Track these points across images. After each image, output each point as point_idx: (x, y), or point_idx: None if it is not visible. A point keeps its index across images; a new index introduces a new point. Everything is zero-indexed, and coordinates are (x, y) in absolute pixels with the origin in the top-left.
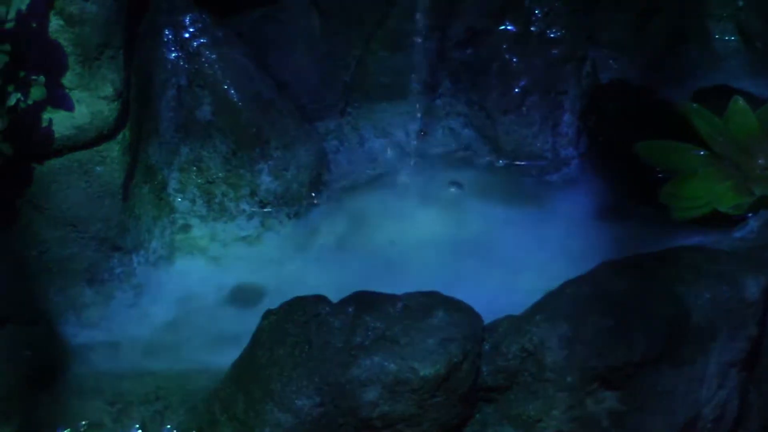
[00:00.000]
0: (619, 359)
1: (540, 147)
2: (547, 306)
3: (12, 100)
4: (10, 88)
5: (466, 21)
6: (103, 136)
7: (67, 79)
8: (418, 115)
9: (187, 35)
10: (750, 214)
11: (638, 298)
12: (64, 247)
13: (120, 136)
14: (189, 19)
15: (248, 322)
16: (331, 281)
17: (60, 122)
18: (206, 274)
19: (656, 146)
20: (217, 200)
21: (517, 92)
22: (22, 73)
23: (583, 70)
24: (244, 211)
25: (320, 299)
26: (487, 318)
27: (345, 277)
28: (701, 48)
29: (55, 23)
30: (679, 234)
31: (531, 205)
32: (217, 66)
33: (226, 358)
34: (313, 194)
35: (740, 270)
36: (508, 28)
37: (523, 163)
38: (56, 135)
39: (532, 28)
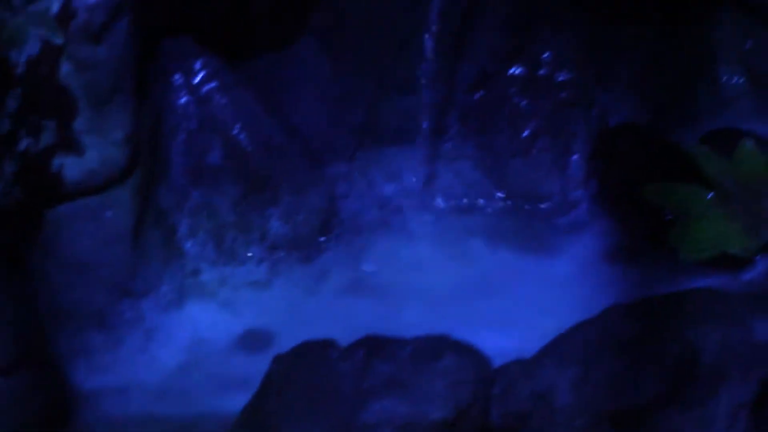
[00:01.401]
0: (630, 402)
1: (549, 190)
2: (557, 349)
3: (23, 145)
4: (22, 133)
5: (476, 64)
6: (114, 181)
7: (78, 124)
8: (427, 158)
9: (197, 79)
10: (759, 256)
11: (647, 341)
12: (75, 291)
13: (130, 181)
14: (199, 64)
15: (258, 366)
16: (340, 325)
17: (71, 167)
18: (216, 318)
19: (665, 188)
20: (227, 244)
21: (526, 135)
22: (33, 118)
23: (591, 113)
24: (254, 255)
25: (330, 343)
26: (497, 361)
27: (354, 322)
28: (709, 91)
29: (66, 68)
30: (688, 276)
31: (540, 248)
32: (227, 110)
33: (236, 402)
34: (323, 238)
35: (749, 312)
36: (517, 71)
37: (531, 205)
38: (67, 179)
39: (540, 72)
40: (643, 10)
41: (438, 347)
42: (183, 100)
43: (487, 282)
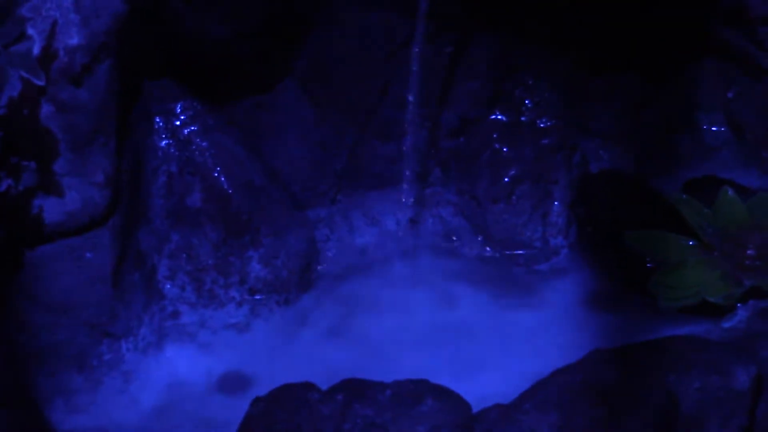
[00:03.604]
0: None
1: (530, 236)
2: (537, 394)
3: (2, 186)
4: (2, 174)
5: (458, 110)
6: (94, 223)
7: (59, 165)
8: (409, 203)
9: (178, 122)
10: (739, 304)
11: (628, 388)
12: (54, 332)
13: (111, 223)
14: (180, 107)
15: (237, 409)
16: (320, 369)
17: (51, 208)
18: (195, 360)
19: (645, 236)
20: (206, 287)
21: (507, 181)
22: (13, 159)
23: (573, 160)
24: (233, 298)
25: (309, 386)
26: (477, 406)
27: (334, 365)
28: (691, 139)
29: (46, 109)
30: (668, 324)
31: (521, 295)
32: (208, 153)
33: None
34: (303, 282)
35: (730, 359)
36: (499, 117)
37: (512, 252)
38: (47, 221)
39: (522, 118)
40: (625, 57)
41: (418, 391)
42: (164, 142)
43: (467, 327)
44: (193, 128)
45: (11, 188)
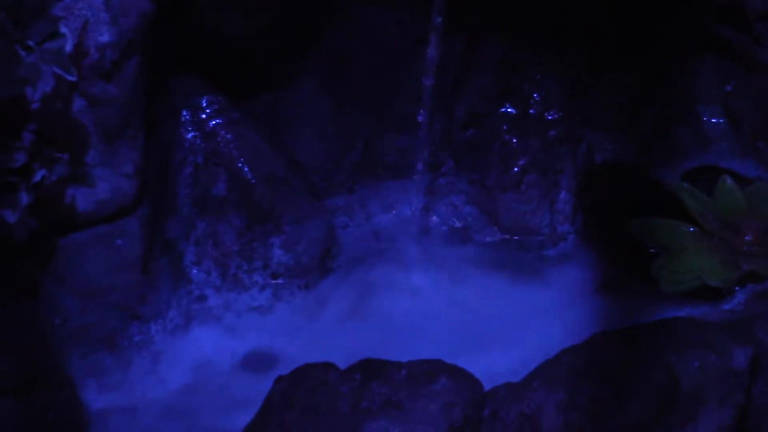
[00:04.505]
0: (614, 425)
1: (538, 223)
2: (545, 373)
3: (37, 177)
4: (37, 165)
5: (468, 104)
6: (124, 211)
7: (90, 157)
8: (423, 192)
9: (203, 116)
10: (738, 288)
11: (630, 367)
12: (86, 316)
13: (139, 211)
14: (206, 101)
15: (260, 387)
16: (339, 349)
17: (83, 198)
18: (221, 342)
19: (648, 223)
20: (231, 272)
21: (516, 171)
22: (47, 151)
23: (579, 151)
24: (257, 282)
25: (329, 366)
26: (488, 384)
27: (353, 346)
28: (691, 130)
29: (78, 104)
30: (669, 306)
31: (529, 278)
32: (232, 145)
33: (239, 421)
34: (323, 267)
35: (728, 340)
36: (508, 110)
37: (521, 238)
38: (79, 210)
39: (530, 111)
40: (627, 53)
41: (432, 370)
42: (190, 134)
43: (478, 309)
44: (218, 121)
45: (45, 178)
